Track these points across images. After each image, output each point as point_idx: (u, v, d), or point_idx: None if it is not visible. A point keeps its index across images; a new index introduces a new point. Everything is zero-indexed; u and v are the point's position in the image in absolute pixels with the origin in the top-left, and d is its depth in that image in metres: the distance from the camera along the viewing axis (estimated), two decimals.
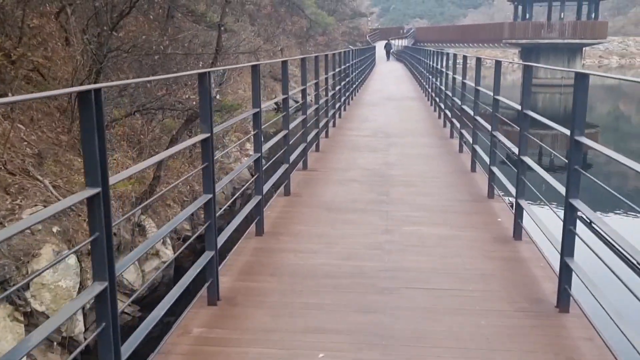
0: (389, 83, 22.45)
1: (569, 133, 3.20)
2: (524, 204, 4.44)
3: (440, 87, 11.81)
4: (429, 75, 15.15)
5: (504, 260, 4.15)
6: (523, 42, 36.17)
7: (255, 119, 4.58)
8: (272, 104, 14.10)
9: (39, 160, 7.26)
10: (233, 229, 3.93)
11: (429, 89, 15.08)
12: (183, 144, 3.29)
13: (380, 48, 43.74)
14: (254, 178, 4.67)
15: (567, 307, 3.34)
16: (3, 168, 6.44)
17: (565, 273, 3.27)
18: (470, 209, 5.45)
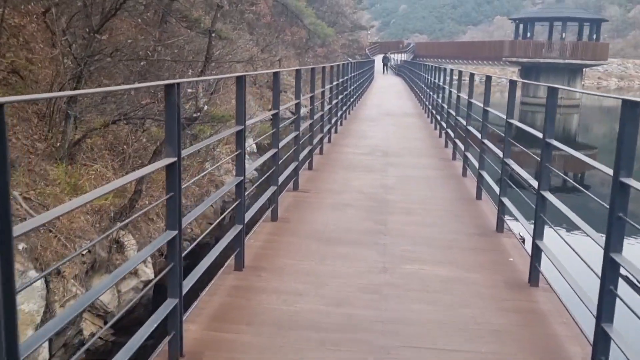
0: (388, 98, 21.94)
1: (612, 173, 2.65)
2: (543, 246, 3.87)
3: (442, 104, 11.28)
4: (429, 91, 14.64)
5: (520, 314, 3.56)
6: (523, 60, 35.93)
7: (239, 138, 3.99)
8: (269, 116, 13.52)
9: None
10: (205, 268, 3.34)
11: (429, 105, 14.57)
12: (143, 170, 2.71)
13: (379, 61, 43.45)
14: (235, 205, 4.07)
15: None
16: None
17: (602, 342, 2.68)
18: (478, 245, 4.86)
